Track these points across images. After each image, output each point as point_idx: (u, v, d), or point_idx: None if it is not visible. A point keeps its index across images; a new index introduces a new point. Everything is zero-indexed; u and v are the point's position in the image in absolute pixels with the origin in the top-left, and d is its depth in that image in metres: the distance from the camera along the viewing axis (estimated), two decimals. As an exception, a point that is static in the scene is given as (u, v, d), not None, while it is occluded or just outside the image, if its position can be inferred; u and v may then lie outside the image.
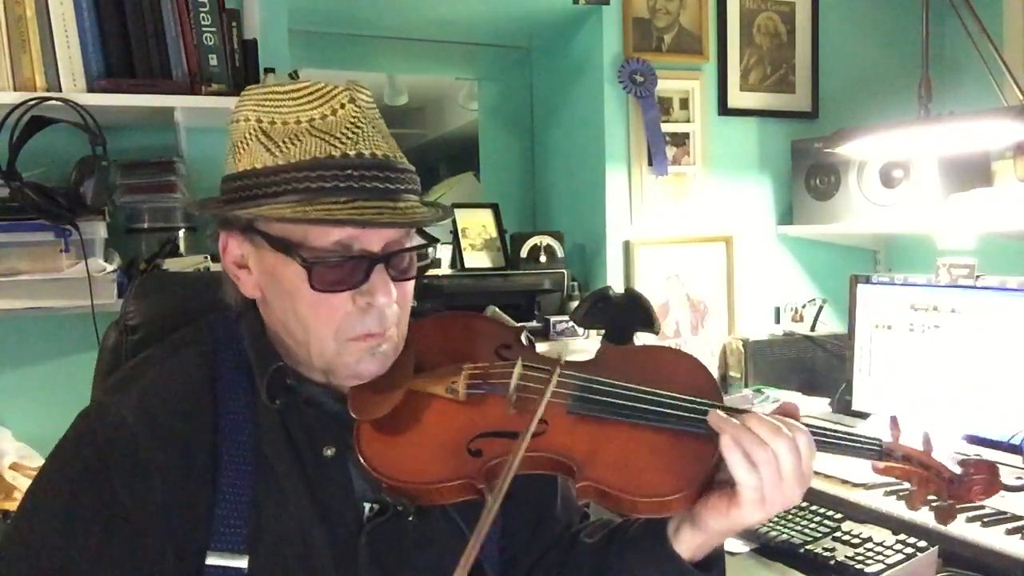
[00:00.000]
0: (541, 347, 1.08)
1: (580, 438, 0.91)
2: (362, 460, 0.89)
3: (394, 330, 0.93)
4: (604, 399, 0.93)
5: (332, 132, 0.86)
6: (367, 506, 0.95)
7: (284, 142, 0.86)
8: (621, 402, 0.92)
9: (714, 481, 0.89)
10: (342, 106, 0.87)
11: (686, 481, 0.87)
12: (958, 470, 0.94)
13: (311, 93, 0.88)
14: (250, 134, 0.88)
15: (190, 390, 0.93)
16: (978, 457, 0.95)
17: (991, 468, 0.94)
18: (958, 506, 0.93)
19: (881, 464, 0.94)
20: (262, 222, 0.88)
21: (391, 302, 0.90)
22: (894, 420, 0.96)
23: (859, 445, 0.94)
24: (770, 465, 0.84)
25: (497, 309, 1.02)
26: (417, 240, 0.95)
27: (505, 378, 0.94)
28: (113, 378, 1.00)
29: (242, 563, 0.88)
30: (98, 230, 1.70)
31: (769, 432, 0.85)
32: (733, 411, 0.90)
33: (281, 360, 0.94)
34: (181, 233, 1.87)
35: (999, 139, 2.01)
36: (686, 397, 0.92)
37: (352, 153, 0.85)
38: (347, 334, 0.89)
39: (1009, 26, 2.42)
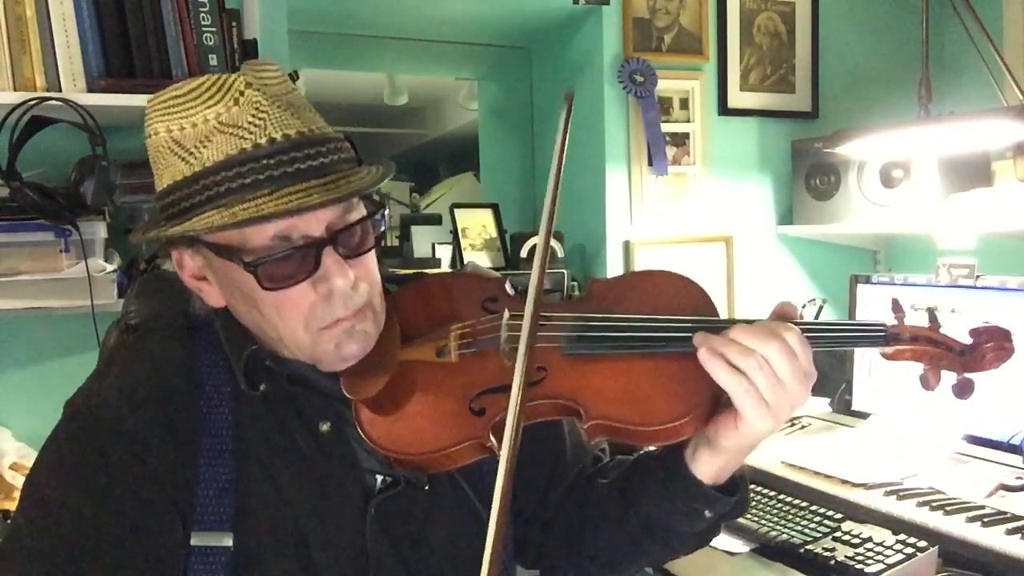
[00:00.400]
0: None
1: (580, 378, 0.89)
2: (366, 439, 0.89)
3: (367, 307, 0.90)
4: (598, 335, 0.91)
5: (238, 124, 0.82)
6: (379, 479, 0.94)
7: (196, 147, 0.82)
8: (616, 335, 0.90)
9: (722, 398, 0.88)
10: (241, 93, 0.83)
11: (691, 403, 0.86)
12: (968, 340, 0.89)
13: (210, 87, 0.84)
14: (163, 146, 0.84)
15: (167, 368, 0.92)
16: (987, 323, 0.90)
17: (1003, 332, 0.89)
18: (973, 376, 0.89)
19: (890, 349, 0.90)
20: (200, 235, 0.84)
21: (351, 282, 0.86)
22: (895, 303, 0.92)
23: (864, 334, 0.91)
24: (761, 370, 0.82)
25: (477, 263, 1.00)
26: (364, 211, 0.89)
27: (494, 331, 0.92)
28: (95, 369, 1.00)
29: (227, 541, 0.87)
30: (98, 230, 1.70)
31: (754, 338, 0.83)
32: (722, 322, 0.88)
33: (254, 344, 0.93)
34: (181, 233, 1.87)
35: (999, 139, 2.01)
36: (675, 318, 0.90)
37: (263, 141, 0.81)
38: (317, 324, 0.87)
39: (1009, 26, 2.42)
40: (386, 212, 0.92)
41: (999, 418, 1.75)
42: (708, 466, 0.91)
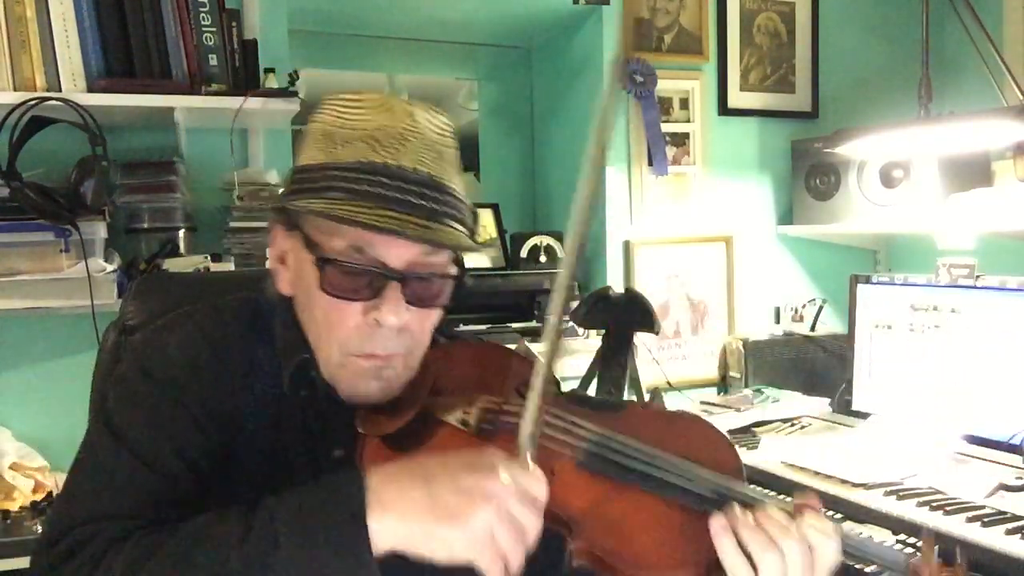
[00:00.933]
0: (538, 347, 1.04)
1: (584, 495, 0.85)
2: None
3: (400, 360, 0.90)
4: (617, 458, 0.87)
5: (381, 141, 0.86)
6: None
7: (339, 143, 0.87)
8: (633, 465, 0.87)
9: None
10: (400, 119, 0.88)
11: (685, 559, 0.82)
12: None
13: (381, 103, 0.89)
14: (316, 132, 0.90)
15: (228, 347, 0.93)
16: None
17: None
18: None
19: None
20: (298, 214, 0.88)
21: (400, 324, 0.87)
22: (927, 541, 0.90)
23: (883, 561, 0.90)
24: (774, 566, 0.78)
25: (528, 346, 0.99)
26: (449, 269, 0.91)
27: (518, 418, 0.88)
28: (157, 323, 1.00)
29: None
30: (98, 230, 1.71)
31: (784, 532, 0.79)
32: (753, 500, 0.84)
33: (308, 352, 0.93)
34: (181, 233, 1.87)
35: (999, 139, 2.01)
36: (703, 473, 0.86)
37: (393, 163, 0.85)
38: (350, 349, 0.88)
39: (1009, 26, 2.42)
40: (465, 282, 0.93)
41: (999, 418, 1.75)
42: None
